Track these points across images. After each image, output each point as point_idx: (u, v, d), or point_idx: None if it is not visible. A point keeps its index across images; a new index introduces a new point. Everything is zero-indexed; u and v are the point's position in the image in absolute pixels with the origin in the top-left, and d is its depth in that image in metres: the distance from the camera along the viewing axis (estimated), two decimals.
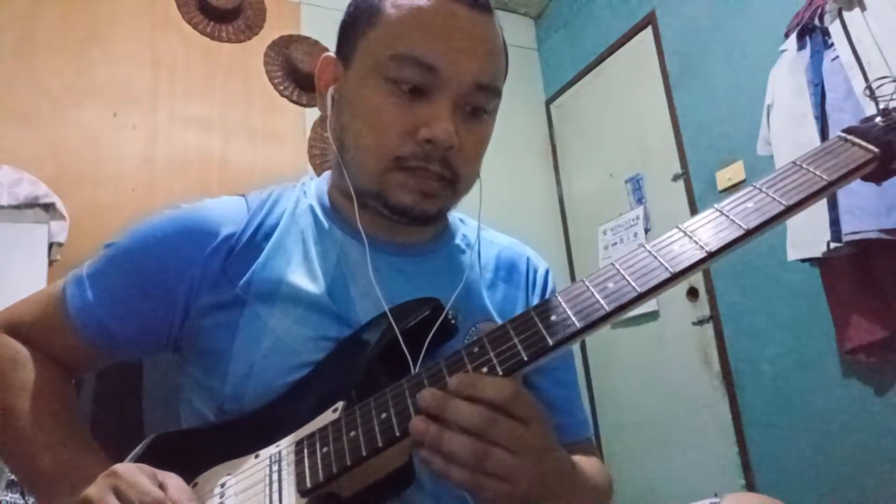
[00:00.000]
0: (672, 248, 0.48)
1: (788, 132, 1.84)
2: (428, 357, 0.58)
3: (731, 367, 2.24)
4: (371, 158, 0.62)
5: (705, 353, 2.35)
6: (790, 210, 0.47)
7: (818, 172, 0.48)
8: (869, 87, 0.59)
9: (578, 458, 0.62)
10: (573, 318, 0.48)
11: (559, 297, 0.50)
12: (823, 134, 1.70)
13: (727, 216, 0.48)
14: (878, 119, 0.52)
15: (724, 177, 2.27)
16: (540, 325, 0.49)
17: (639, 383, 2.65)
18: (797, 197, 0.47)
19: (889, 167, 0.50)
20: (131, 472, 0.48)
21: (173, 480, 0.49)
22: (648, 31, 2.69)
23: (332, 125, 0.67)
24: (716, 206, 0.50)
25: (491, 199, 0.71)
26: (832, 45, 1.73)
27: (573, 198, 3.16)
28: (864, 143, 0.49)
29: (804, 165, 0.50)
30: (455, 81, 0.60)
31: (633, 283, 0.47)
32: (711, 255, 0.47)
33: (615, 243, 2.76)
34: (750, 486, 2.12)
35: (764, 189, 0.49)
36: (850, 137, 0.50)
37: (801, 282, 1.96)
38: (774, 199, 0.48)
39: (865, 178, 0.51)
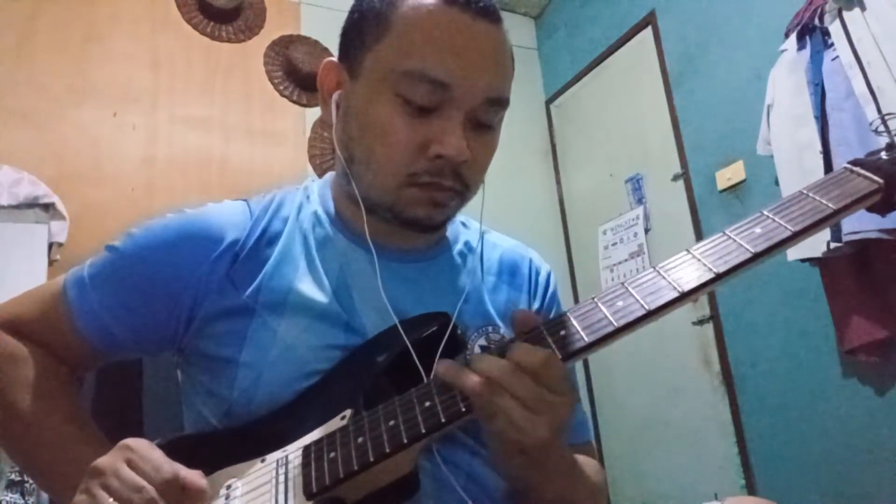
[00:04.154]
0: (681, 269, 0.50)
1: (788, 132, 1.85)
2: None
3: (731, 367, 2.24)
4: (384, 174, 0.62)
5: (705, 353, 2.35)
6: (797, 236, 0.49)
7: (824, 201, 0.50)
8: (883, 121, 0.60)
9: (576, 456, 0.63)
10: (582, 334, 0.49)
11: (568, 314, 0.51)
12: (823, 134, 1.70)
13: (735, 240, 0.50)
14: (883, 153, 0.53)
15: (724, 177, 2.28)
16: (549, 340, 0.50)
17: (639, 383, 2.65)
18: (803, 224, 0.49)
19: (893, 198, 0.51)
20: (144, 447, 0.49)
21: (182, 466, 0.50)
22: (648, 31, 2.69)
23: (338, 134, 0.67)
24: (725, 230, 0.51)
25: (491, 199, 0.71)
26: (832, 44, 1.73)
27: (573, 198, 3.16)
28: (869, 175, 0.51)
29: (811, 194, 0.51)
30: (467, 97, 0.60)
31: (642, 302, 0.49)
32: (720, 277, 0.48)
33: (615, 243, 2.76)
34: (750, 486, 2.12)
35: (771, 215, 0.51)
36: (855, 169, 0.52)
37: (801, 282, 1.96)
38: (781, 224, 0.49)
39: (870, 210, 0.52)
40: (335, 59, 0.68)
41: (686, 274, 0.49)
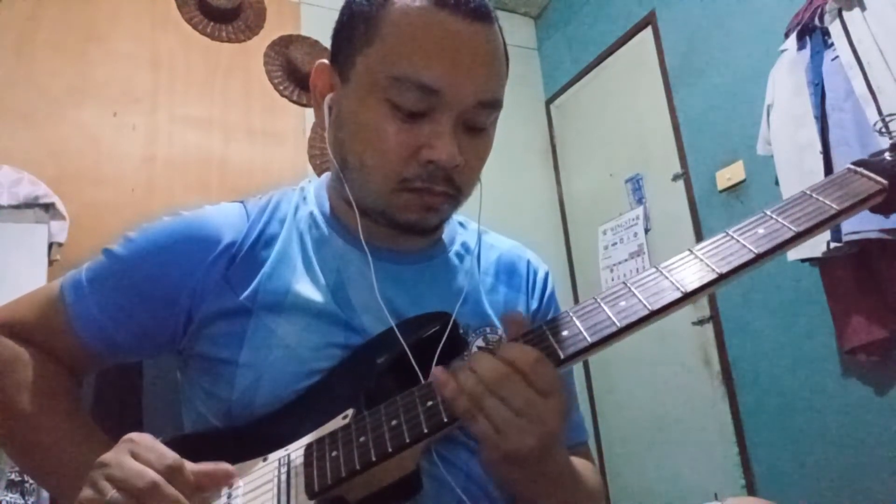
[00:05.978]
0: (683, 269, 0.49)
1: (788, 132, 1.84)
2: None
3: (731, 367, 2.24)
4: (376, 180, 0.62)
5: (705, 353, 2.35)
6: (800, 237, 0.48)
7: (828, 202, 0.49)
8: (884, 122, 0.60)
9: (575, 460, 0.62)
10: (584, 334, 0.49)
11: (570, 313, 0.51)
12: (823, 134, 1.70)
13: (738, 241, 0.49)
14: (886, 154, 0.53)
15: (724, 177, 2.27)
16: (551, 340, 0.50)
17: (639, 383, 2.65)
18: (807, 224, 0.49)
19: None
20: (147, 439, 0.49)
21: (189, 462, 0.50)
22: (648, 31, 2.69)
23: (330, 138, 0.66)
24: (728, 231, 0.51)
25: (491, 199, 0.71)
26: (832, 45, 1.73)
27: (573, 198, 3.16)
28: (873, 176, 0.50)
29: (814, 195, 0.51)
30: (458, 101, 0.59)
31: (645, 302, 0.48)
32: (723, 277, 0.48)
33: (615, 243, 2.76)
34: (750, 486, 2.12)
35: (774, 216, 0.50)
36: (859, 169, 0.51)
37: (801, 282, 1.96)
38: (785, 225, 0.49)
39: (874, 210, 0.52)
40: (327, 61, 0.67)
41: (689, 274, 0.49)
